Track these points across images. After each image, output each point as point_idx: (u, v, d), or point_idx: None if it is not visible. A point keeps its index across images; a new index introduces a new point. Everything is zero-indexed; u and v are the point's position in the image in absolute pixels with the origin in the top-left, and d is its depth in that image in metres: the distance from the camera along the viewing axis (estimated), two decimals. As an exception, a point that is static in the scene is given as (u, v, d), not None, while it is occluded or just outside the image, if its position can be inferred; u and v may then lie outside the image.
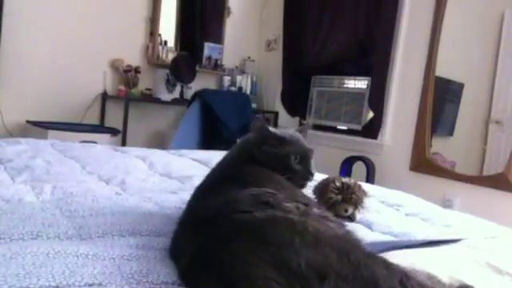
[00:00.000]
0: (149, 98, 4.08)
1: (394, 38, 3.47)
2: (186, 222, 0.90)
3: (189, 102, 3.78)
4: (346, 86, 3.98)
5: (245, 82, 4.59)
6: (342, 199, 1.28)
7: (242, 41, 4.70)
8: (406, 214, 1.45)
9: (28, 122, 3.52)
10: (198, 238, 0.77)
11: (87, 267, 0.74)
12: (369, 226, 1.25)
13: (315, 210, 0.84)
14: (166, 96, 4.11)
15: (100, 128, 3.80)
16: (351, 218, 1.28)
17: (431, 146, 3.27)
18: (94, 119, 3.90)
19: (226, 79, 4.53)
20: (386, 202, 1.57)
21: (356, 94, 3.86)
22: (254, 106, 4.34)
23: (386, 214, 1.41)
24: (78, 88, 3.81)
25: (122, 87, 3.91)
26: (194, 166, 1.96)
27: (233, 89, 4.52)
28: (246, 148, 1.08)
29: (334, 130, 4.01)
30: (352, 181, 1.33)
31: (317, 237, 0.68)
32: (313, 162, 1.08)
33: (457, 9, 3.18)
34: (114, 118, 3.88)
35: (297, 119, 4.44)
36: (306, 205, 0.85)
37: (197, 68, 4.26)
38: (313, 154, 1.09)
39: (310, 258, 0.62)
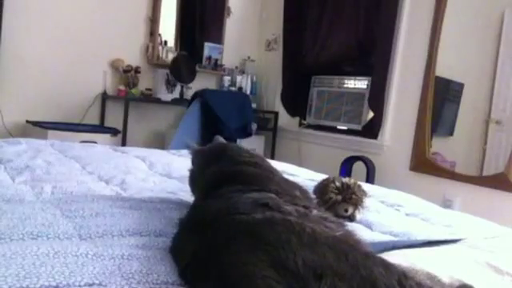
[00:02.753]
0: (149, 98, 4.08)
1: (393, 38, 3.47)
2: (186, 222, 0.91)
3: (189, 102, 3.78)
4: (346, 86, 3.98)
5: (245, 82, 4.58)
6: (342, 199, 1.28)
7: (242, 41, 4.70)
8: (406, 214, 1.45)
9: (28, 122, 3.52)
10: (198, 239, 0.78)
11: (87, 267, 0.74)
12: (369, 226, 1.24)
13: (315, 212, 0.86)
14: (166, 96, 4.11)
15: (100, 128, 3.80)
16: (351, 218, 1.28)
17: (431, 146, 3.26)
18: (94, 119, 3.90)
19: (226, 79, 4.53)
20: (385, 202, 1.57)
21: (356, 94, 3.86)
22: (254, 105, 4.34)
23: (386, 214, 1.41)
24: (78, 88, 3.81)
25: (122, 87, 3.91)
26: (193, 166, 1.96)
27: (233, 89, 4.52)
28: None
29: (334, 130, 4.01)
30: (352, 181, 1.33)
31: (314, 237, 0.68)
32: None
33: (457, 9, 3.17)
34: (113, 118, 3.88)
35: (297, 119, 4.45)
36: (305, 207, 0.86)
37: (197, 68, 4.26)
38: None
39: (307, 257, 0.63)
